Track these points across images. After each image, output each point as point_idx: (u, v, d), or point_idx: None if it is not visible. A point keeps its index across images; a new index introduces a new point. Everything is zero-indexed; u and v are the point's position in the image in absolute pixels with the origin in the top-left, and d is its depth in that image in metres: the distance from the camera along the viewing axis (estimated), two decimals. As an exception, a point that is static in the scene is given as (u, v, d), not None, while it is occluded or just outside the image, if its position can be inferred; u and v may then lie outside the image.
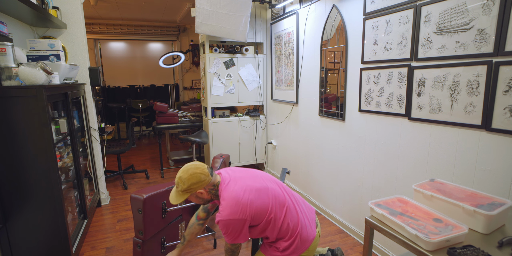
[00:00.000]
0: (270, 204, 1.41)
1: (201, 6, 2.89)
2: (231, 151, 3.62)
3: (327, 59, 2.44)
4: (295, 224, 1.45)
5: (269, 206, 1.40)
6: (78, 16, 2.61)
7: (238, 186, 1.39)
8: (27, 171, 1.66)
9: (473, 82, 1.36)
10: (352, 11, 2.08)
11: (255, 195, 1.39)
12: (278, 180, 1.60)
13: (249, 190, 1.39)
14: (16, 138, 1.61)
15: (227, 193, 1.37)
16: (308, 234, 1.47)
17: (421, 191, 1.24)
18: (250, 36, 3.47)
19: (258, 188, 1.42)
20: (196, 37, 6.33)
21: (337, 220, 2.46)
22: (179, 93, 6.86)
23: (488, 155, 1.34)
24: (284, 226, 1.42)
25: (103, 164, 2.99)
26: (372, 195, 2.05)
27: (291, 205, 1.48)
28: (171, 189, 1.97)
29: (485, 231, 1.04)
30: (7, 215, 1.65)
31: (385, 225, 1.12)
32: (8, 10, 1.91)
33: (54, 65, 1.99)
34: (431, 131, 1.59)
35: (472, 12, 1.33)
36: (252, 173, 1.52)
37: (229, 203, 1.33)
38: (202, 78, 3.65)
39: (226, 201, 1.34)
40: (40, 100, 1.61)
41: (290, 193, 1.55)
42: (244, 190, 1.38)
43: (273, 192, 1.45)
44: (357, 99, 2.10)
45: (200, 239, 2.27)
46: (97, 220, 2.63)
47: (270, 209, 1.40)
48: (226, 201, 1.34)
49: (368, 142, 2.04)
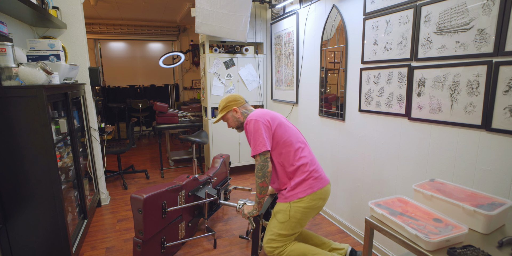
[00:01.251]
0: (289, 129, 1.70)
1: (201, 6, 2.89)
2: (231, 151, 3.62)
3: (327, 59, 2.44)
4: (312, 160, 1.67)
5: (288, 130, 1.68)
6: (78, 16, 2.61)
7: (265, 110, 1.76)
8: (27, 171, 1.66)
9: (473, 82, 1.36)
10: (352, 11, 2.08)
11: (277, 118, 1.71)
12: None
13: (274, 114, 1.73)
14: (16, 138, 1.61)
15: (256, 111, 1.75)
16: (322, 176, 1.67)
17: (421, 191, 1.24)
18: (250, 36, 3.47)
19: (281, 118, 1.74)
20: (196, 37, 6.33)
21: (337, 220, 2.46)
22: (179, 93, 6.86)
23: (488, 155, 1.34)
24: (300, 156, 1.64)
25: (103, 164, 2.99)
26: (372, 195, 2.05)
27: (308, 147, 1.73)
28: (171, 189, 1.98)
29: (485, 231, 1.04)
30: (7, 215, 1.66)
31: (385, 225, 1.12)
32: (8, 10, 1.91)
33: (54, 65, 1.99)
34: (431, 131, 1.59)
35: (472, 12, 1.33)
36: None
37: (256, 112, 1.71)
38: (202, 78, 3.65)
39: (254, 112, 1.73)
40: (40, 100, 1.61)
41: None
42: (270, 112, 1.74)
43: (294, 129, 1.75)
44: (357, 99, 2.10)
45: (200, 239, 2.27)
46: (97, 220, 2.63)
47: (288, 132, 1.67)
48: (254, 111, 1.73)
49: (368, 142, 2.04)
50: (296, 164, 1.62)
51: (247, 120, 1.68)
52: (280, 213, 1.63)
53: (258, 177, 1.63)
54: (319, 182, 1.63)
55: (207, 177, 2.41)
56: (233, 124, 1.83)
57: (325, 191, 1.64)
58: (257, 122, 1.62)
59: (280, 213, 1.63)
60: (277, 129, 1.65)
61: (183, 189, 2.09)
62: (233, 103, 1.80)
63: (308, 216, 1.64)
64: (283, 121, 1.72)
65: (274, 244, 1.64)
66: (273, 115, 1.71)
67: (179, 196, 2.07)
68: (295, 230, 1.65)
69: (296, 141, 1.67)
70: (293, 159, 1.63)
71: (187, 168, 4.14)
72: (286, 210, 1.61)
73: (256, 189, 1.68)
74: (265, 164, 1.61)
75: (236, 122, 1.80)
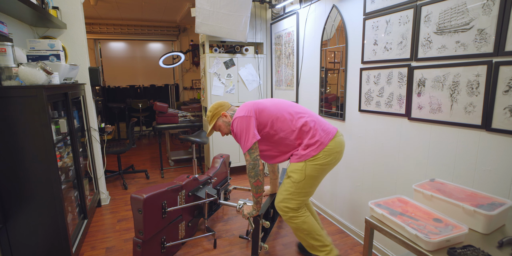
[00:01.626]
0: (278, 103, 1.73)
1: (201, 6, 2.89)
2: (231, 151, 3.62)
3: (327, 59, 2.44)
4: (310, 116, 1.70)
5: (277, 105, 1.72)
6: (78, 16, 2.61)
7: (248, 101, 1.79)
8: (27, 171, 1.66)
9: (473, 82, 1.36)
10: (352, 11, 2.08)
11: (261, 101, 1.75)
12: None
13: (255, 101, 1.75)
14: (16, 138, 1.61)
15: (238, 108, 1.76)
16: (327, 126, 1.70)
17: (421, 191, 1.24)
18: (250, 36, 3.47)
19: (268, 99, 1.79)
20: (196, 37, 6.33)
21: (337, 220, 2.46)
22: (179, 93, 6.86)
23: (488, 155, 1.34)
24: (296, 118, 1.67)
25: (103, 164, 2.99)
26: (372, 195, 2.05)
27: (305, 110, 1.75)
28: (171, 189, 1.98)
29: (485, 231, 1.04)
30: (7, 215, 1.65)
31: (385, 225, 1.12)
32: (8, 10, 1.91)
33: (54, 65, 1.99)
34: (431, 131, 1.59)
35: (472, 12, 1.33)
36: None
37: (238, 109, 1.73)
38: (202, 78, 3.65)
39: (236, 111, 1.73)
40: (40, 100, 1.60)
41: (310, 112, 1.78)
42: (252, 102, 1.76)
43: (284, 101, 1.78)
44: (357, 99, 2.09)
45: (200, 239, 2.27)
46: (97, 220, 2.63)
47: (278, 106, 1.70)
48: (236, 111, 1.74)
49: (368, 142, 2.04)
50: (297, 127, 1.65)
51: (232, 121, 1.72)
52: (295, 173, 1.64)
53: (251, 176, 1.65)
54: (327, 133, 1.64)
55: (207, 177, 2.41)
56: (226, 130, 1.83)
57: (337, 142, 1.66)
58: (240, 119, 1.65)
59: (295, 172, 1.64)
60: (261, 114, 1.68)
61: (183, 189, 2.09)
62: (219, 109, 1.81)
63: (325, 173, 1.68)
64: (266, 104, 1.73)
65: (290, 204, 1.67)
66: (253, 104, 1.72)
67: (179, 196, 2.07)
68: (311, 188, 1.68)
69: (286, 112, 1.69)
70: (292, 125, 1.66)
71: (187, 168, 4.14)
72: (302, 169, 1.62)
73: (251, 189, 1.69)
74: (256, 163, 1.64)
75: (228, 126, 1.80)
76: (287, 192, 1.67)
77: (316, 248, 1.73)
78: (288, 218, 1.70)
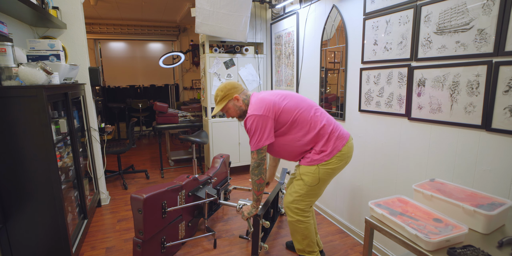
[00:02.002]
0: (297, 104, 1.63)
1: (201, 6, 2.89)
2: (231, 151, 3.62)
3: (327, 59, 2.44)
4: (328, 120, 1.65)
5: (296, 106, 1.62)
6: (78, 16, 2.61)
7: (264, 93, 1.69)
8: (27, 171, 1.66)
9: (473, 82, 1.36)
10: (352, 11, 2.08)
11: (280, 97, 1.64)
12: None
13: (275, 94, 1.66)
14: (16, 138, 1.61)
15: (254, 98, 1.65)
16: (342, 132, 1.66)
17: (421, 191, 1.24)
18: (250, 36, 3.47)
19: (284, 94, 1.68)
20: (196, 37, 6.33)
21: (337, 220, 2.46)
22: (179, 93, 6.86)
23: (488, 155, 1.34)
24: (315, 121, 1.61)
25: (103, 164, 2.99)
26: (372, 195, 2.05)
27: (321, 110, 1.70)
28: (171, 189, 1.98)
29: (485, 231, 1.04)
30: (7, 215, 1.65)
31: (385, 225, 1.12)
32: (8, 10, 1.91)
33: (54, 65, 1.99)
34: (431, 131, 1.59)
35: (472, 12, 1.33)
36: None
37: (255, 103, 1.61)
38: (202, 78, 3.65)
39: (252, 104, 1.62)
40: (40, 100, 1.60)
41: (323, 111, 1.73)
42: (270, 94, 1.67)
43: (301, 99, 1.69)
44: (357, 99, 2.09)
45: (200, 239, 2.27)
46: (97, 220, 2.63)
47: (297, 108, 1.62)
48: (252, 103, 1.63)
49: (368, 142, 2.04)
50: (315, 131, 1.62)
51: (246, 117, 1.62)
52: (308, 176, 1.64)
53: (254, 174, 1.65)
54: (341, 139, 1.64)
55: (207, 177, 2.41)
56: (235, 114, 1.75)
57: (349, 147, 1.66)
58: (257, 119, 1.57)
59: (308, 176, 1.64)
60: (280, 116, 1.61)
61: (183, 189, 2.09)
62: (233, 91, 1.70)
63: (334, 176, 1.69)
64: (285, 104, 1.63)
65: (300, 205, 1.68)
66: (273, 103, 1.61)
67: (179, 196, 2.07)
68: (321, 190, 1.70)
69: (306, 114, 1.62)
70: (310, 128, 1.62)
71: (187, 168, 4.14)
72: (315, 173, 1.62)
73: (253, 187, 1.69)
74: (262, 162, 1.63)
75: (238, 111, 1.73)
76: (298, 193, 1.67)
77: (305, 252, 1.78)
78: (294, 221, 1.70)
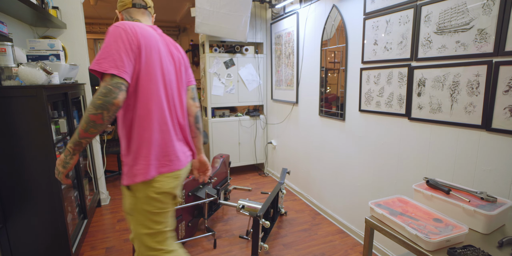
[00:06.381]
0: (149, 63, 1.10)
1: (201, 6, 2.89)
2: (231, 151, 3.62)
3: (327, 59, 2.43)
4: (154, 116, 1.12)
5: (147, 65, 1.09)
6: (78, 16, 2.61)
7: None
8: (27, 171, 1.65)
9: (473, 82, 1.36)
10: (352, 11, 2.08)
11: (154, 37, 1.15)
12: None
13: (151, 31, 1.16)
14: (16, 138, 1.61)
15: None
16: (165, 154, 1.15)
17: (421, 191, 1.24)
18: (250, 36, 3.47)
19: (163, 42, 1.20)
20: (196, 37, 6.33)
21: (337, 220, 2.46)
22: (179, 93, 6.85)
23: (488, 155, 1.34)
24: (141, 111, 1.09)
25: (103, 164, 2.99)
26: (372, 195, 2.05)
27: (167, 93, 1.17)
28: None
29: (485, 231, 1.04)
30: (7, 215, 1.65)
31: (385, 225, 1.12)
32: (8, 10, 1.91)
33: (54, 65, 1.99)
34: (431, 131, 1.59)
35: (472, 12, 1.33)
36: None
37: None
38: (202, 78, 3.65)
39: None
40: (40, 100, 1.60)
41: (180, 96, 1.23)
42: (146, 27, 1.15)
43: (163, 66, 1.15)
44: (357, 99, 2.09)
45: (200, 239, 2.27)
46: (97, 220, 2.63)
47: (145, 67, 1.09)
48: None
49: (368, 142, 2.04)
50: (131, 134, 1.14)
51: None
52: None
53: (94, 105, 0.97)
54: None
55: (207, 177, 2.41)
56: None
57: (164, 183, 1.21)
58: (117, 29, 1.04)
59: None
60: (145, 55, 1.09)
61: (183, 189, 2.09)
62: (119, 4, 1.29)
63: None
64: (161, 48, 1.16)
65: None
66: (150, 34, 1.12)
67: (179, 196, 2.06)
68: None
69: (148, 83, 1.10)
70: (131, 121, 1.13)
71: (187, 168, 4.13)
72: None
73: (81, 124, 1.00)
74: (114, 91, 0.98)
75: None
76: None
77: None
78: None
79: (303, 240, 2.24)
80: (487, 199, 1.11)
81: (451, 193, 1.18)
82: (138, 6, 1.28)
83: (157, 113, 1.14)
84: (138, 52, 1.08)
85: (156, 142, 1.15)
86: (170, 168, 1.18)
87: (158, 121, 1.15)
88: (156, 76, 1.13)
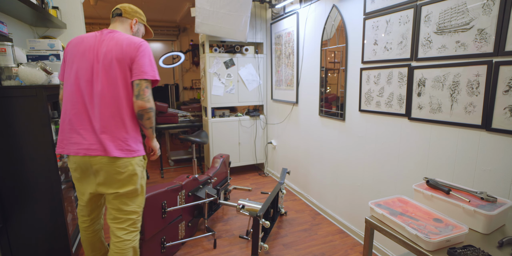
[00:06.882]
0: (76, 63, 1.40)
1: (201, 6, 2.89)
2: (231, 151, 3.62)
3: (327, 59, 2.44)
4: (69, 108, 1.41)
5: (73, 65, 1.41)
6: (78, 16, 2.61)
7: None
8: (27, 171, 1.65)
9: (473, 82, 1.36)
10: (352, 11, 2.08)
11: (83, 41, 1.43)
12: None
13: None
14: (16, 138, 1.61)
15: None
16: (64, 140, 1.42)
17: (421, 191, 1.24)
18: (250, 36, 3.47)
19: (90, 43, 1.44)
20: (196, 37, 6.33)
21: (337, 220, 2.46)
22: (179, 93, 6.86)
23: (488, 155, 1.34)
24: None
25: (103, 164, 2.98)
26: (372, 195, 2.05)
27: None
28: (171, 189, 1.98)
29: (485, 231, 1.04)
30: (7, 215, 1.65)
31: (385, 225, 1.12)
32: (8, 10, 1.91)
33: (54, 65, 1.99)
34: (431, 131, 1.59)
35: (472, 12, 1.33)
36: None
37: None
38: (202, 78, 3.65)
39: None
40: (40, 100, 1.60)
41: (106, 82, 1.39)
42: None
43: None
44: (357, 99, 2.09)
45: (200, 239, 2.27)
46: (97, 220, 2.62)
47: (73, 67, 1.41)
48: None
49: (368, 142, 2.04)
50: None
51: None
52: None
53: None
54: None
55: (207, 177, 2.41)
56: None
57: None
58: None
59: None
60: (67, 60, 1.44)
61: (183, 189, 2.09)
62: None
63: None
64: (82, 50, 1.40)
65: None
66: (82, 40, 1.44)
67: (179, 196, 2.07)
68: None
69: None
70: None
71: (187, 168, 4.14)
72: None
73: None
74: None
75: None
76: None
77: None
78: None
79: (303, 240, 2.24)
80: (487, 199, 1.11)
81: (451, 193, 1.18)
82: (112, 15, 1.59)
83: (65, 104, 1.43)
84: (64, 58, 1.47)
85: (61, 130, 1.43)
86: (63, 151, 1.43)
87: (64, 111, 1.43)
88: (70, 75, 1.41)
